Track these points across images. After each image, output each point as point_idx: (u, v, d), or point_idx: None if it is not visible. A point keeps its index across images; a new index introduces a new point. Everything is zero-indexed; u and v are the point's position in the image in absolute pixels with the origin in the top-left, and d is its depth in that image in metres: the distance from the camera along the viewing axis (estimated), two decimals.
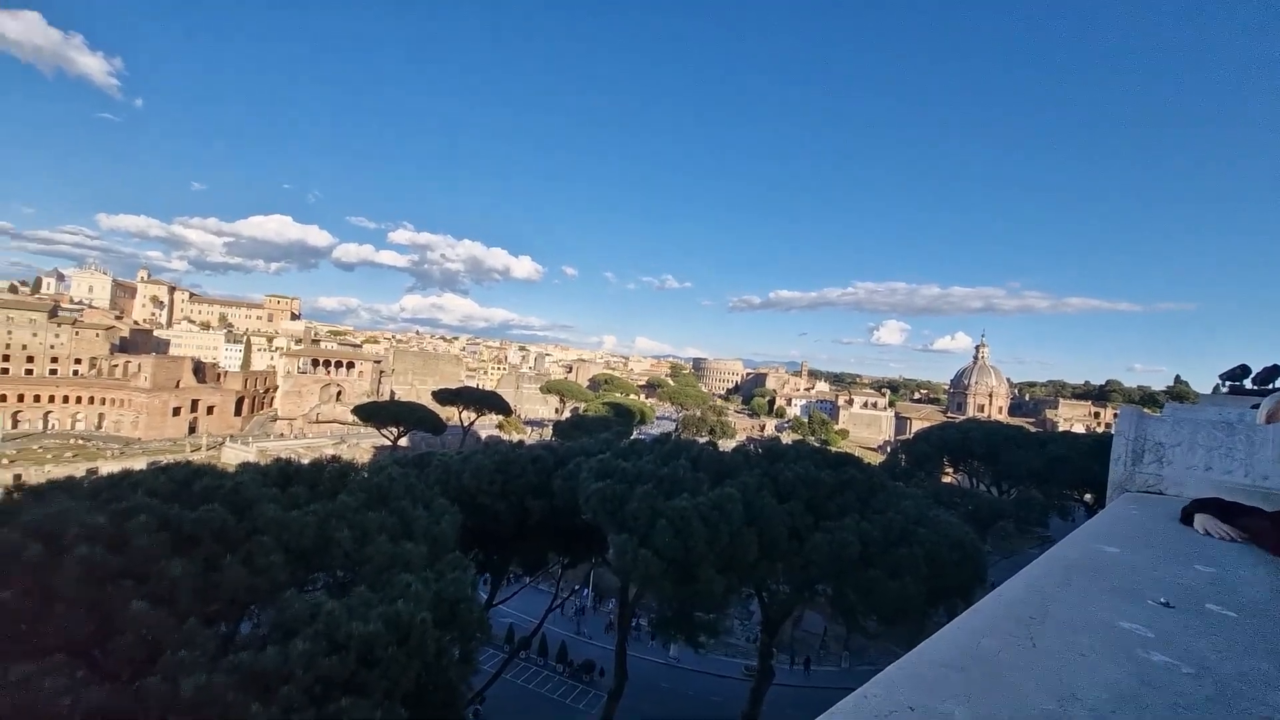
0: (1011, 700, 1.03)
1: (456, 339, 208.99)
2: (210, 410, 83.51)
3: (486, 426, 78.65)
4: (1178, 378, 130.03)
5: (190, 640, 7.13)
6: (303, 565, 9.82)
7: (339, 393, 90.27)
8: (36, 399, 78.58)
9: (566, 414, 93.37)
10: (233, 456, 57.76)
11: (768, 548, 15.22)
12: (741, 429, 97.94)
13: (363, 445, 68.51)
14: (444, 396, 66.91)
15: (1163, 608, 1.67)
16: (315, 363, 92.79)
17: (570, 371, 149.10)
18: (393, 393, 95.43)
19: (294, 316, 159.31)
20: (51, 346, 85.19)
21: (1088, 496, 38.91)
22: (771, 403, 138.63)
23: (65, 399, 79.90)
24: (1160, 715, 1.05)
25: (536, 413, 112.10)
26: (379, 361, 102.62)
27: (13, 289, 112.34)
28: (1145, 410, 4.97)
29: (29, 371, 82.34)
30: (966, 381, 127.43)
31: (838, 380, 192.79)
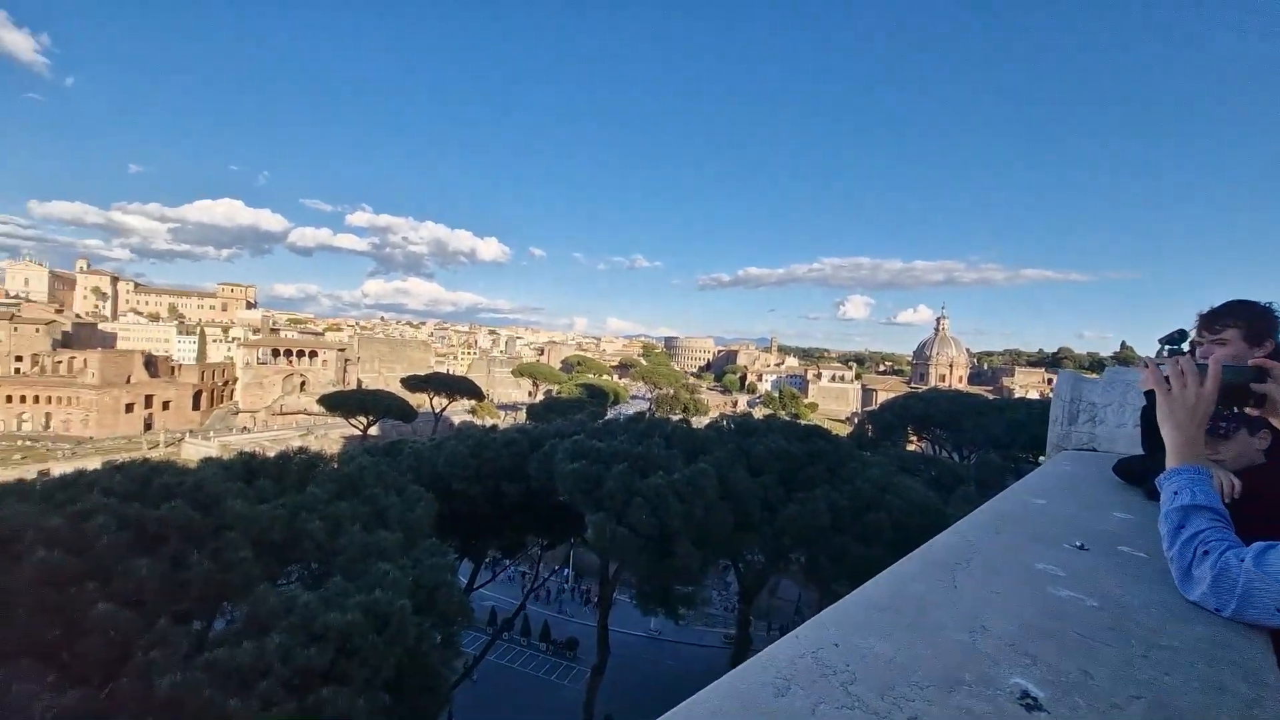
0: (928, 634, 1.16)
1: (423, 324, 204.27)
2: (166, 405, 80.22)
3: (459, 412, 77.68)
4: (1123, 343, 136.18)
5: (162, 640, 7.02)
6: (275, 559, 9.69)
7: (303, 383, 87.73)
8: None
9: (540, 397, 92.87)
10: (193, 452, 55.74)
11: (742, 520, 15.63)
12: (714, 405, 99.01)
13: (330, 436, 66.84)
14: (413, 383, 65.67)
15: (1078, 550, 1.83)
16: (276, 353, 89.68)
17: (542, 354, 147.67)
18: (359, 381, 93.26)
19: (250, 305, 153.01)
20: None
21: (1041, 458, 40.88)
22: (743, 379, 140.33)
23: (9, 399, 75.60)
24: (1063, 643, 1.19)
25: (509, 396, 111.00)
26: (343, 349, 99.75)
27: None
28: (1083, 374, 5.31)
29: None
30: (928, 353, 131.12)
31: (806, 355, 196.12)
